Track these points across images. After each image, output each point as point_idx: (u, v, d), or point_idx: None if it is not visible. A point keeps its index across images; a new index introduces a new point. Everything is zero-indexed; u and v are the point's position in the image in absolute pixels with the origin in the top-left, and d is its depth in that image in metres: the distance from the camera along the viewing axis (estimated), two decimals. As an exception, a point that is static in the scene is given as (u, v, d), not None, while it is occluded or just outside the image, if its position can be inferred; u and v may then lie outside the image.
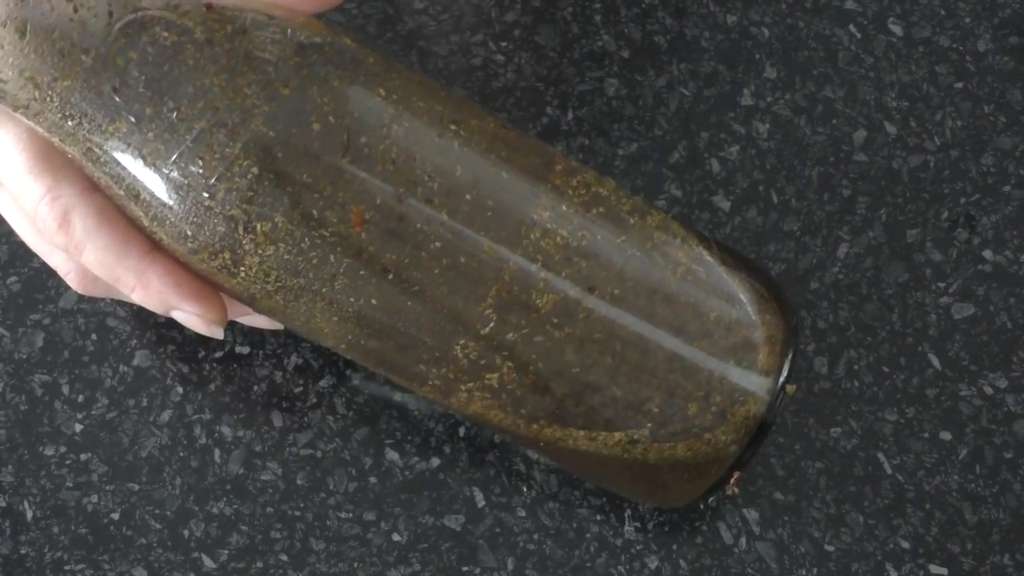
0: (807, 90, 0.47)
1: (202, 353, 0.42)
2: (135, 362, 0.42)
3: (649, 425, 0.34)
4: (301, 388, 0.42)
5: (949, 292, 0.45)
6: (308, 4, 0.34)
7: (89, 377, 0.42)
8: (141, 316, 0.43)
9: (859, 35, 0.48)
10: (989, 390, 0.43)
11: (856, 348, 0.44)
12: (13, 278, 0.43)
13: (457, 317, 0.33)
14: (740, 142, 0.46)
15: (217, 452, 0.41)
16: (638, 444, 0.35)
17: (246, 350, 0.43)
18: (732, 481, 0.36)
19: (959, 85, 0.48)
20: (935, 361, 0.44)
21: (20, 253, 0.43)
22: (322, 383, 0.42)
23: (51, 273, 0.43)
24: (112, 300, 0.43)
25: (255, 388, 0.42)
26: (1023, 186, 0.46)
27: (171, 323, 0.43)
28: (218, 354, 0.42)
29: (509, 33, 0.48)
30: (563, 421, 0.35)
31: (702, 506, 0.41)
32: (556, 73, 0.47)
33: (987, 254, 0.45)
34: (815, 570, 0.41)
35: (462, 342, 0.33)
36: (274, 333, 0.43)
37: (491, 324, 0.33)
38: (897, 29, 0.49)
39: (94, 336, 0.42)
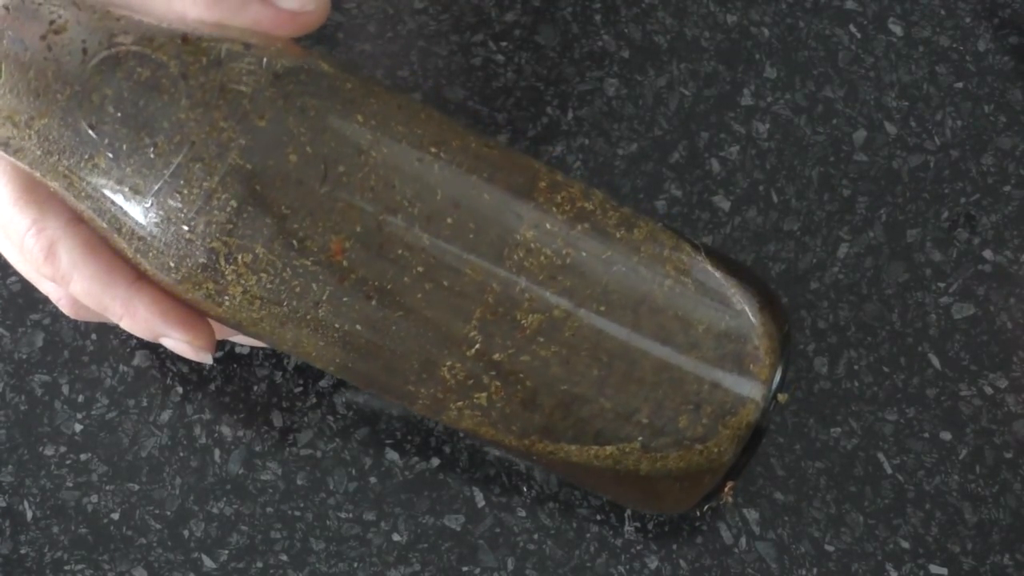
0: (807, 90, 0.47)
1: (202, 353, 0.42)
2: (135, 362, 0.42)
3: (640, 438, 0.34)
4: (301, 388, 0.42)
5: (949, 292, 0.45)
6: (286, 29, 0.34)
7: (89, 377, 0.42)
8: (141, 316, 0.43)
9: (859, 35, 0.48)
10: (989, 390, 0.43)
11: (856, 348, 0.44)
12: (13, 278, 0.43)
13: (443, 339, 0.33)
14: (740, 142, 0.46)
15: (217, 452, 0.41)
16: (630, 456, 0.35)
17: (246, 350, 0.43)
18: (726, 491, 0.36)
19: (959, 85, 0.48)
20: (935, 361, 0.44)
21: (20, 253, 0.43)
22: (322, 383, 0.42)
23: (51, 273, 0.43)
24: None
25: (255, 388, 0.42)
26: (1023, 186, 0.46)
27: (171, 323, 0.43)
28: (218, 354, 0.42)
29: (509, 33, 0.48)
30: (553, 436, 0.35)
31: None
32: (556, 73, 0.47)
33: (987, 254, 0.45)
34: (815, 570, 0.41)
35: (449, 363, 0.33)
36: (274, 333, 0.43)
37: (477, 345, 0.33)
38: (897, 29, 0.49)
39: (94, 336, 0.42)
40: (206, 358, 0.35)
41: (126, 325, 0.34)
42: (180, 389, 0.42)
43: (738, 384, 0.35)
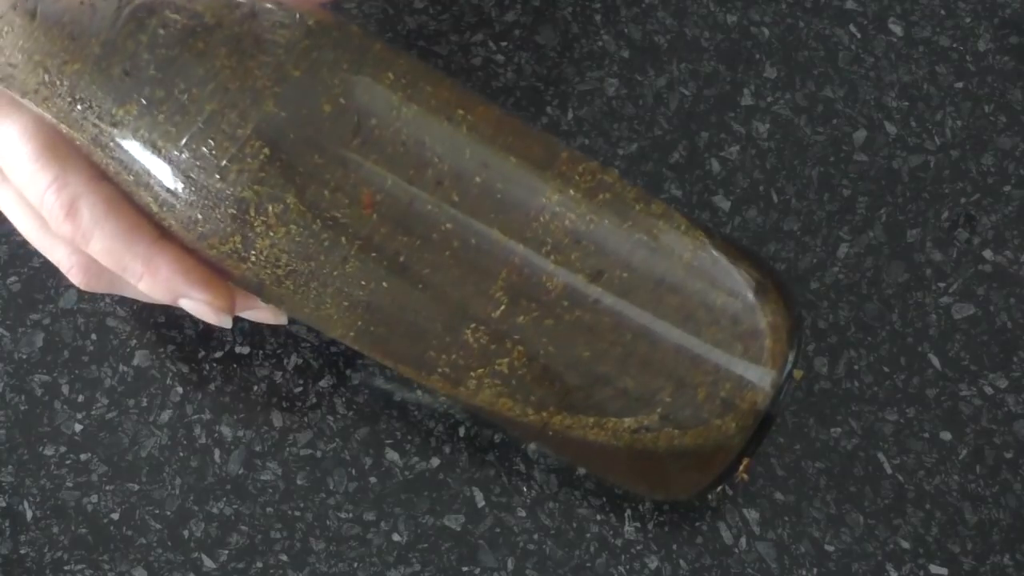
0: (807, 90, 0.47)
1: (202, 353, 0.42)
2: (135, 362, 0.42)
3: (659, 410, 0.34)
4: (301, 388, 0.42)
5: (949, 292, 0.45)
6: None
7: (89, 377, 0.42)
8: (141, 316, 0.43)
9: (859, 35, 0.48)
10: (989, 390, 0.43)
11: (856, 348, 0.44)
12: (13, 278, 0.43)
13: (468, 300, 0.33)
14: (740, 142, 0.46)
15: (217, 452, 0.41)
16: (648, 433, 0.35)
17: (246, 350, 0.43)
18: (741, 468, 0.36)
19: (959, 85, 0.48)
20: (935, 361, 0.44)
21: (20, 253, 0.43)
22: (322, 383, 0.42)
23: (51, 273, 0.43)
24: (112, 300, 0.43)
25: (255, 388, 0.42)
26: (1023, 186, 0.46)
27: (171, 323, 0.43)
28: (218, 354, 0.42)
29: (509, 33, 0.48)
30: (572, 408, 0.35)
31: (699, 503, 0.41)
32: (556, 73, 0.47)
33: (987, 254, 0.45)
34: (815, 570, 0.41)
35: (473, 326, 0.33)
36: (274, 333, 0.43)
37: (502, 307, 0.33)
38: (897, 29, 0.49)
39: (94, 336, 0.42)
40: (226, 321, 0.35)
41: (145, 286, 0.34)
42: (180, 389, 0.42)
43: (753, 361, 0.35)
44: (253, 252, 0.32)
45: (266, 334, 0.43)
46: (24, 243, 0.43)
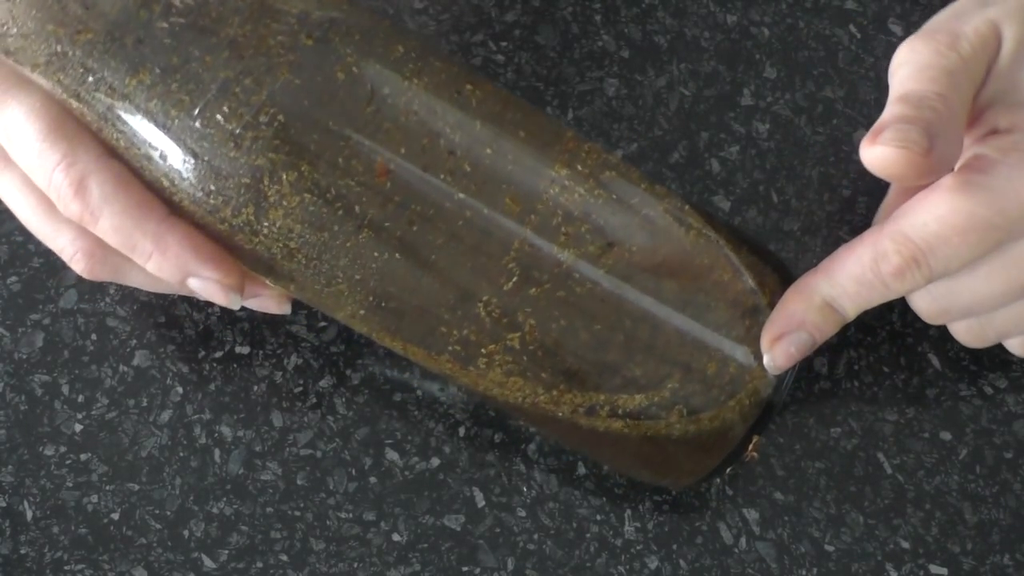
0: (807, 90, 0.47)
1: (202, 353, 0.42)
2: (135, 362, 0.42)
3: (668, 387, 0.35)
4: (301, 388, 0.42)
5: (949, 292, 0.45)
6: None
7: (89, 377, 0.42)
8: (141, 316, 0.43)
9: (859, 35, 0.48)
10: (989, 390, 0.43)
11: (856, 348, 0.44)
12: (13, 278, 0.43)
13: (480, 272, 0.33)
14: (740, 142, 0.46)
15: (217, 452, 0.41)
16: (659, 412, 0.35)
17: (246, 350, 0.43)
18: (751, 447, 0.36)
19: (959, 85, 0.48)
20: (935, 361, 0.44)
21: (20, 253, 0.43)
22: (322, 383, 0.42)
23: (51, 273, 0.43)
24: (112, 300, 0.43)
25: (255, 388, 0.42)
26: (1023, 186, 0.46)
27: (171, 323, 0.43)
28: (218, 354, 0.42)
29: (509, 33, 0.48)
30: (582, 385, 0.35)
31: (699, 503, 0.41)
32: (556, 73, 0.47)
33: (987, 254, 0.45)
34: (815, 570, 0.41)
35: (485, 299, 0.33)
36: (274, 333, 0.43)
37: (514, 279, 0.33)
38: (897, 29, 0.49)
39: (94, 336, 0.42)
40: (235, 301, 0.35)
41: (154, 265, 0.34)
42: (180, 389, 0.42)
43: (760, 337, 0.35)
44: (266, 224, 0.33)
45: (266, 334, 0.43)
46: (24, 243, 0.43)
